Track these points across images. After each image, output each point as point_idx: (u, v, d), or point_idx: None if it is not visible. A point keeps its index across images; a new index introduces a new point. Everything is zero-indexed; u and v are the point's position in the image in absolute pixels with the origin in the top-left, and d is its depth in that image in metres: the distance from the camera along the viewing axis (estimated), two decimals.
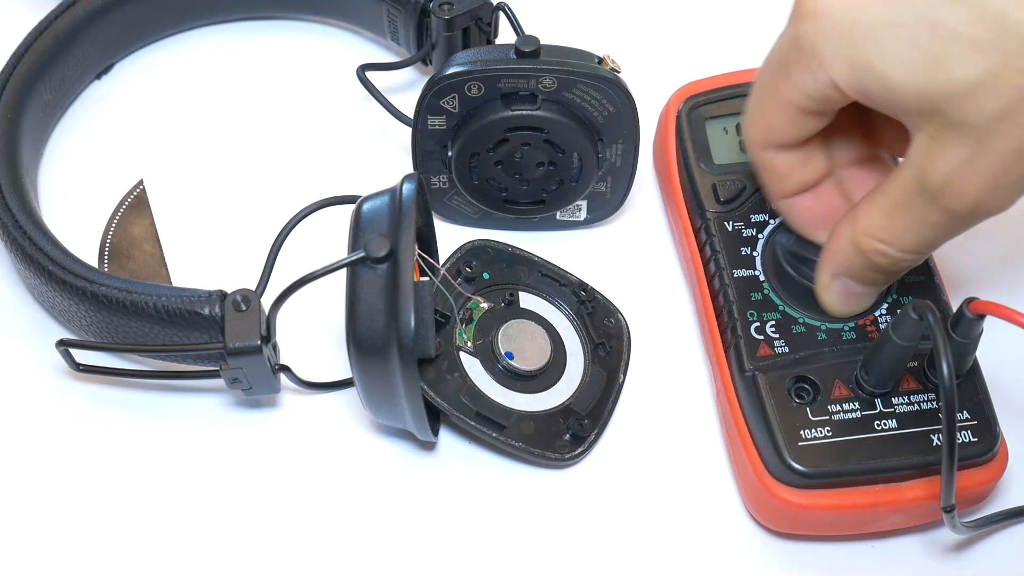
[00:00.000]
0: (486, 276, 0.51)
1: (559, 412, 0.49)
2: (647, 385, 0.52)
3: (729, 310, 0.49)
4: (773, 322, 0.48)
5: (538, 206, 0.56)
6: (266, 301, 0.47)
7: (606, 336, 0.52)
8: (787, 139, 0.45)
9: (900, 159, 0.44)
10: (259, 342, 0.46)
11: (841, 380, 0.46)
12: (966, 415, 0.46)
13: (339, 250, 0.46)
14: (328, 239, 0.51)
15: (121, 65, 0.64)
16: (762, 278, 0.50)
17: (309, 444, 0.50)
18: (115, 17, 0.61)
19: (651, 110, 0.57)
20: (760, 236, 0.51)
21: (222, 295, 0.48)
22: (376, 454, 0.50)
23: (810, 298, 0.49)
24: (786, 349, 0.48)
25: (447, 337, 0.49)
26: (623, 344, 0.52)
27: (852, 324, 0.48)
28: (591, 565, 0.47)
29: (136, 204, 0.58)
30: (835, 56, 0.40)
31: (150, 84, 0.63)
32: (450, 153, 0.53)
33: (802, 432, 0.45)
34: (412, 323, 0.43)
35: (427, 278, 0.47)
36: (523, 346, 0.50)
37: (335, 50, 0.65)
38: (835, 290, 0.47)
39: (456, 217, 0.57)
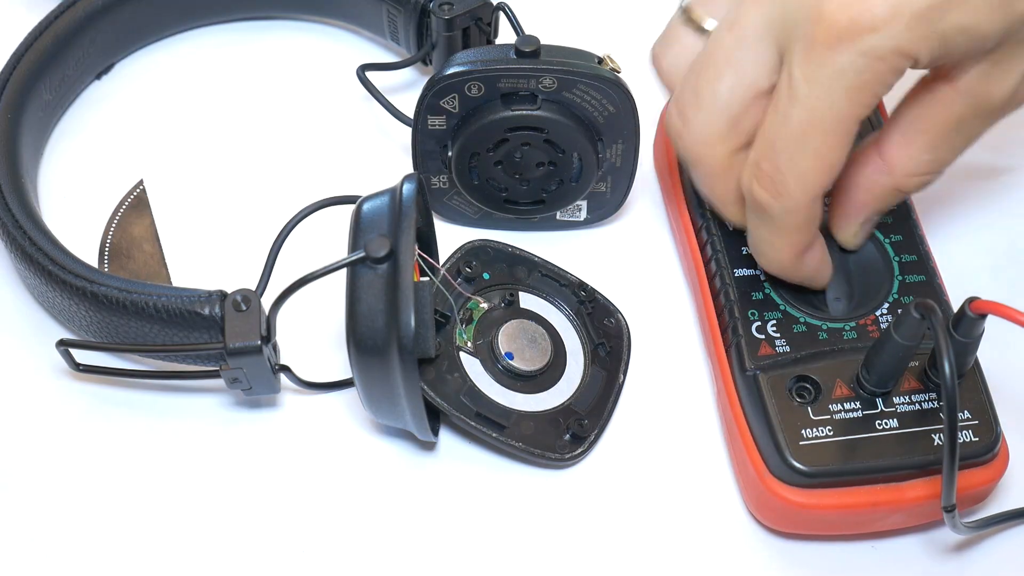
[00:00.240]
0: (486, 276, 0.51)
1: (559, 412, 0.49)
2: (647, 385, 0.52)
3: (730, 309, 0.49)
4: (774, 321, 0.48)
5: (538, 206, 0.56)
6: (266, 301, 0.47)
7: (606, 336, 0.52)
8: (840, 168, 0.44)
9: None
10: (259, 342, 0.46)
11: (842, 379, 0.46)
12: (967, 415, 0.46)
13: (339, 250, 0.46)
14: (328, 239, 0.51)
15: (121, 65, 0.64)
16: (763, 277, 0.50)
17: (309, 444, 0.50)
18: (115, 17, 0.61)
19: (651, 110, 0.56)
20: None
21: (222, 295, 0.48)
22: (376, 454, 0.50)
23: (811, 297, 0.49)
24: (787, 348, 0.48)
25: (447, 337, 0.49)
26: (623, 344, 0.52)
27: (853, 324, 0.48)
28: (591, 565, 0.47)
29: (136, 204, 0.58)
30: (921, 42, 0.40)
31: (150, 84, 0.63)
32: (450, 153, 0.53)
33: (803, 431, 0.45)
34: (412, 323, 0.43)
35: (427, 278, 0.47)
36: (523, 346, 0.50)
37: (335, 50, 0.65)
38: (863, 232, 0.49)
39: (456, 217, 0.57)
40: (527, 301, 0.52)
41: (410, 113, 0.54)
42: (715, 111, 0.44)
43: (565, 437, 0.49)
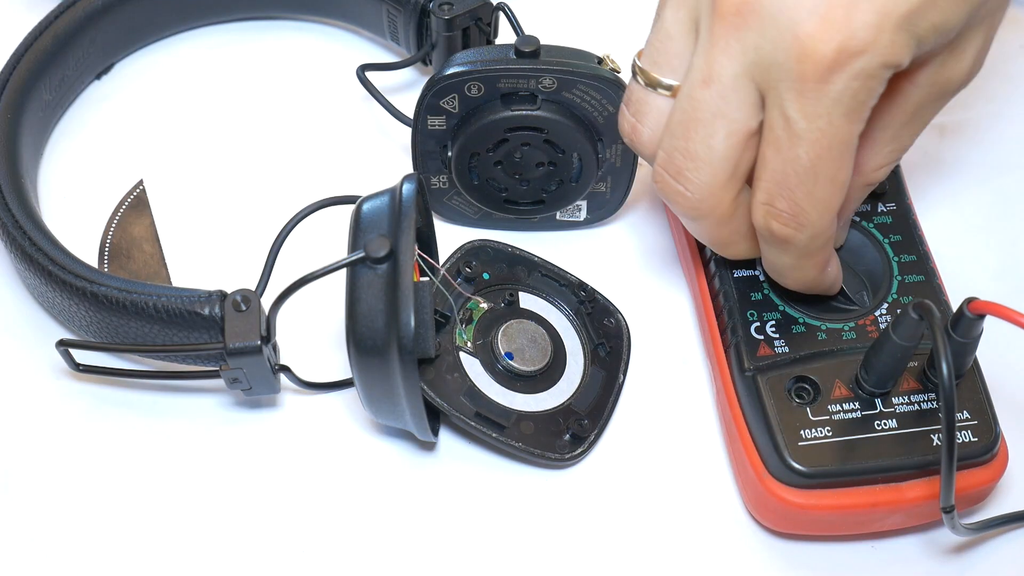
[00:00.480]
0: (486, 276, 0.51)
1: (559, 412, 0.49)
2: (647, 385, 0.52)
3: (729, 310, 0.49)
4: (773, 322, 0.48)
5: (538, 206, 0.56)
6: (266, 301, 0.47)
7: (606, 336, 0.52)
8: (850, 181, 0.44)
9: None
10: (259, 342, 0.46)
11: (841, 380, 0.46)
12: (966, 415, 0.46)
13: (339, 250, 0.46)
14: (328, 239, 0.51)
15: (121, 65, 0.64)
16: (762, 278, 0.50)
17: (309, 444, 0.50)
18: (115, 17, 0.61)
19: None
20: None
21: (222, 295, 0.48)
22: (376, 454, 0.50)
23: (810, 297, 0.49)
24: (786, 349, 0.48)
25: (447, 337, 0.49)
26: (623, 344, 0.52)
27: (852, 324, 0.48)
28: (591, 565, 0.47)
29: (136, 204, 0.58)
30: (903, 50, 0.40)
31: (150, 84, 0.63)
32: (450, 153, 0.53)
33: (802, 432, 0.45)
34: (412, 323, 0.43)
35: (427, 278, 0.47)
36: (523, 346, 0.50)
37: (335, 50, 0.65)
38: (845, 231, 0.49)
39: (456, 217, 0.57)
40: (527, 301, 0.52)
41: (410, 113, 0.54)
42: (715, 164, 0.43)
43: (565, 437, 0.49)
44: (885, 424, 0.46)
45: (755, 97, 0.42)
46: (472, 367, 0.49)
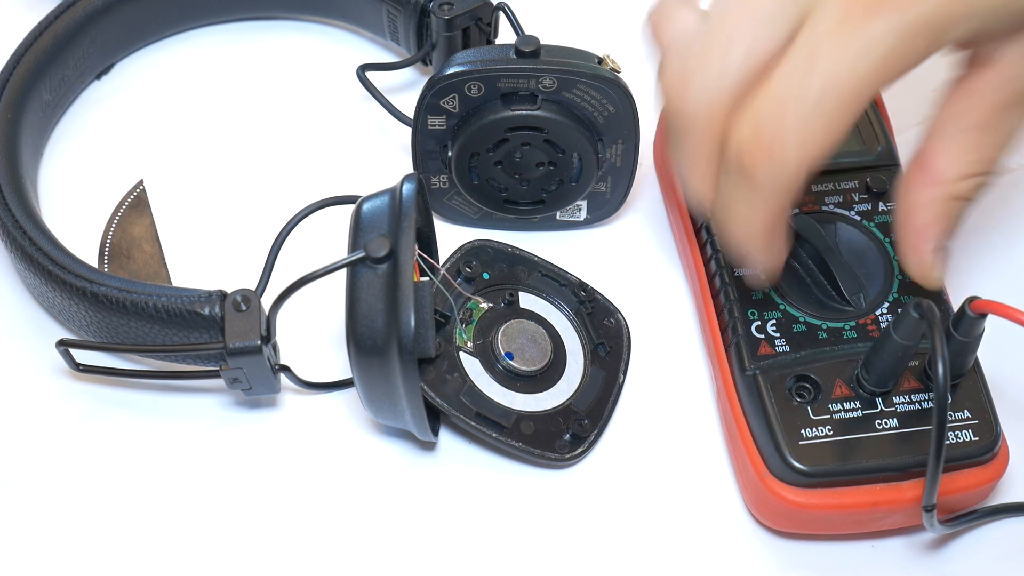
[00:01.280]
0: (486, 276, 0.51)
1: (559, 412, 0.49)
2: (647, 385, 0.52)
3: (730, 309, 0.49)
4: (774, 321, 0.48)
5: (538, 206, 0.56)
6: (266, 301, 0.47)
7: (606, 336, 0.52)
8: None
9: None
10: (259, 342, 0.46)
11: (842, 379, 0.46)
12: (967, 414, 0.46)
13: (339, 250, 0.46)
14: (328, 239, 0.51)
15: (121, 65, 0.64)
16: (763, 277, 0.50)
17: (309, 444, 0.50)
18: (115, 17, 0.61)
19: (651, 110, 0.56)
20: None
21: (222, 295, 0.48)
22: (376, 454, 0.50)
23: (810, 296, 0.49)
24: (787, 348, 0.48)
25: (447, 337, 0.49)
26: (623, 344, 0.52)
27: (853, 323, 0.48)
28: (591, 565, 0.47)
29: (136, 204, 0.58)
30: (959, 15, 0.39)
31: (150, 84, 0.63)
32: (450, 153, 0.53)
33: (803, 431, 0.45)
34: (412, 323, 0.43)
35: (427, 278, 0.47)
36: (523, 346, 0.50)
37: (335, 50, 0.65)
38: (939, 262, 0.45)
39: (456, 217, 0.57)
40: (527, 301, 0.52)
41: (410, 113, 0.54)
42: (724, 77, 0.40)
43: (565, 437, 0.49)
44: (886, 423, 0.46)
45: (792, 23, 0.40)
46: (472, 367, 0.49)
